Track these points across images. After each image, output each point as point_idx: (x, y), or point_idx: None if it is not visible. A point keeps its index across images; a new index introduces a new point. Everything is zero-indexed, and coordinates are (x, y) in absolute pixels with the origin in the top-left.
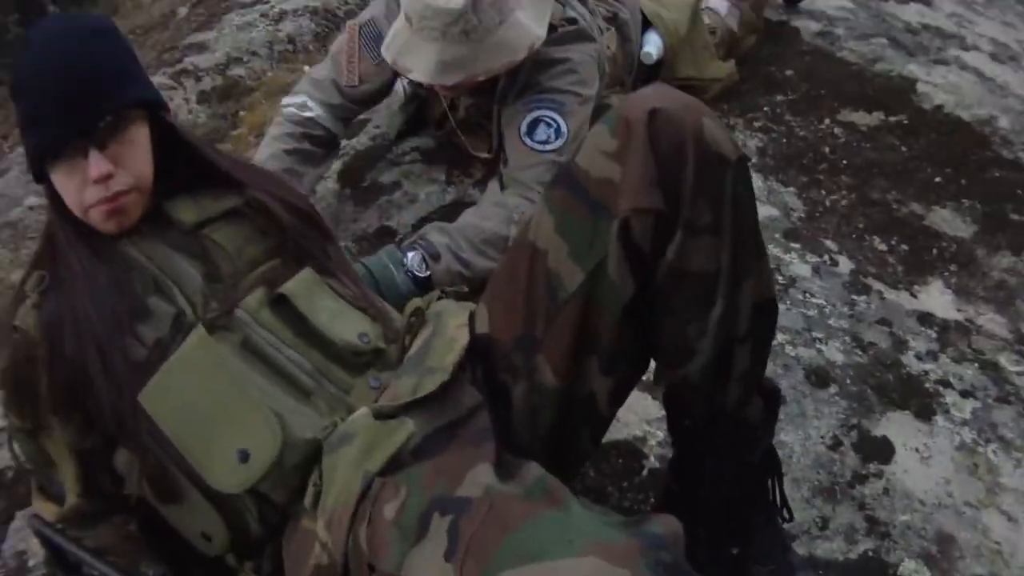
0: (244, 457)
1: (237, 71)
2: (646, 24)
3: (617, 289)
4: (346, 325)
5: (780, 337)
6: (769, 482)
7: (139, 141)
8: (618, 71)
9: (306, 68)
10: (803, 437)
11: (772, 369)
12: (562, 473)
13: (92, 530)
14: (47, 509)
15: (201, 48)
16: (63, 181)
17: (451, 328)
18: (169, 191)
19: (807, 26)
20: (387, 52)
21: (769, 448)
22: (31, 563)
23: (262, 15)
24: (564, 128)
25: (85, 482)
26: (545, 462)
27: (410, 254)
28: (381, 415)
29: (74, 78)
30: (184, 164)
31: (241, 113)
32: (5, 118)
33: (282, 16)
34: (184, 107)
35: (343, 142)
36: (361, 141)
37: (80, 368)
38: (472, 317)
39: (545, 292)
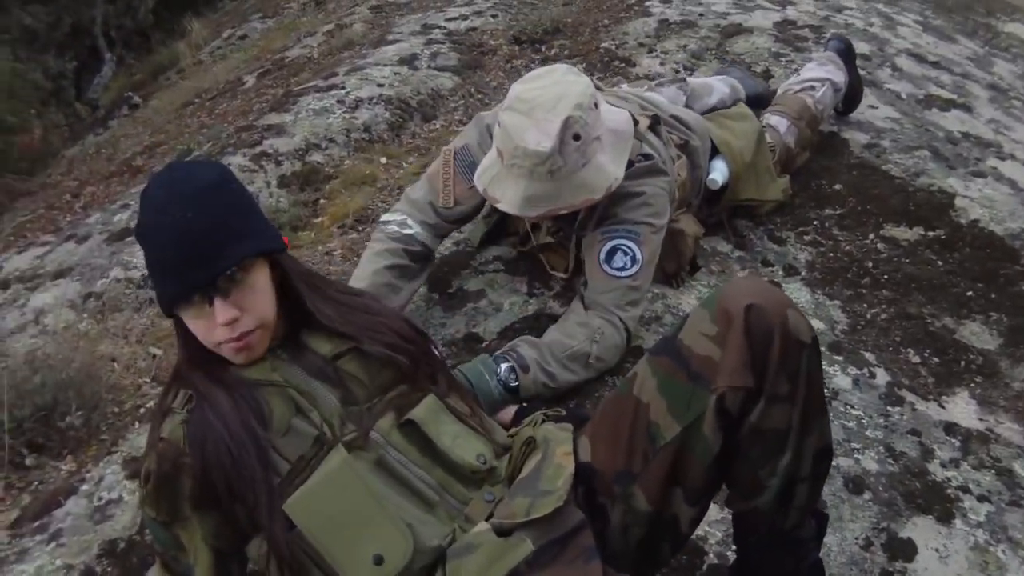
0: (379, 561)
1: (316, 157)
2: (715, 150)
3: (709, 444)
4: (466, 447)
5: None
6: None
7: (260, 286)
8: (687, 194)
9: (382, 160)
10: (840, 539)
11: None
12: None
13: None
14: None
15: (279, 131)
16: (193, 322)
17: (558, 455)
18: (306, 321)
19: (856, 138)
20: (479, 181)
21: (817, 560)
22: None
23: (338, 101)
24: (639, 256)
25: (216, 569)
26: (630, 567)
27: (503, 365)
28: (501, 531)
29: (193, 236)
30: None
31: (321, 201)
32: (80, 178)
33: (358, 104)
34: (266, 190)
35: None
36: (446, 245)
37: (224, 480)
38: (575, 447)
39: (644, 437)
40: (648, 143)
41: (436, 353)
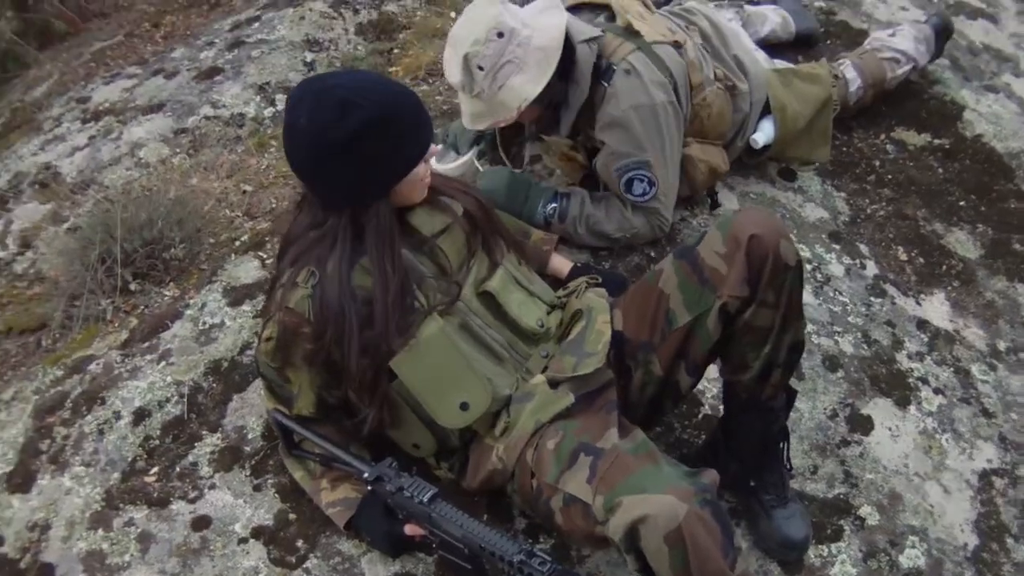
0: (464, 407)
1: (390, 7)
2: (767, 109)
3: (710, 333)
4: (529, 313)
5: (810, 327)
6: (781, 444)
7: None
8: (721, 127)
9: (452, 14)
10: (812, 406)
11: None
12: (653, 421)
13: (316, 426)
14: (275, 407)
15: None
16: (413, 177)
17: (599, 323)
18: (409, 207)
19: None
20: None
21: (784, 426)
22: (250, 436)
23: None
24: (656, 179)
25: (317, 408)
26: (643, 415)
27: (552, 206)
28: (553, 383)
29: (419, 105)
30: None
31: (395, 51)
32: (154, 3)
33: None
34: (344, 37)
35: None
36: None
37: (340, 344)
38: (611, 316)
39: (664, 319)
40: (652, 56)
41: (503, 224)
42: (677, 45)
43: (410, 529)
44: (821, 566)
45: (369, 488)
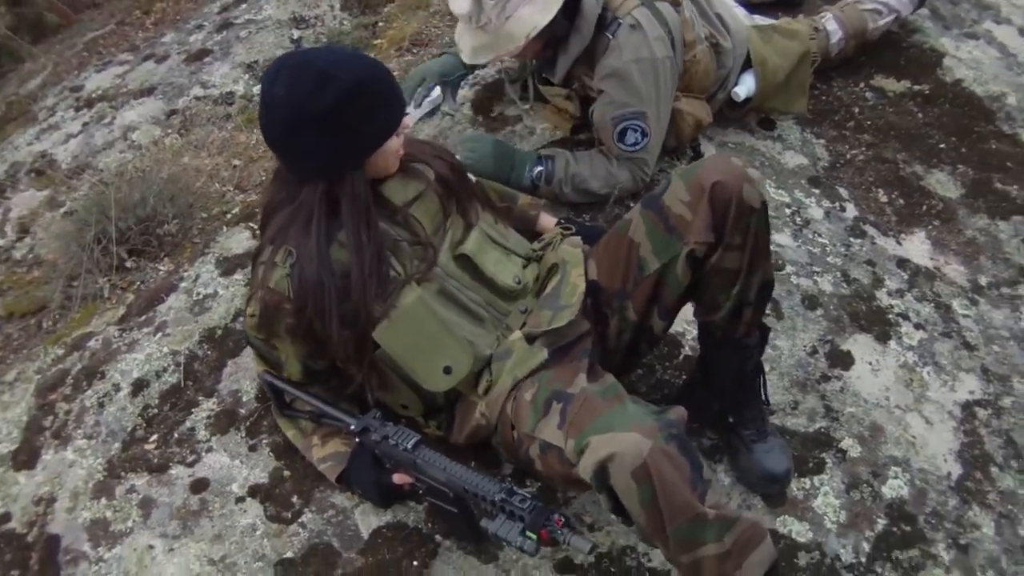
0: (448, 371)
1: None
2: (748, 63)
3: (679, 279)
4: (505, 271)
5: (788, 268)
6: (757, 380)
7: None
8: (705, 83)
9: None
10: (791, 344)
11: (778, 291)
12: (632, 364)
13: (305, 387)
14: (265, 369)
15: None
16: (386, 150)
17: (573, 276)
18: (382, 178)
19: None
20: (455, 34)
21: (759, 362)
22: (244, 399)
23: None
24: (648, 129)
25: (304, 374)
26: (622, 359)
27: (537, 169)
28: (530, 338)
29: (391, 79)
30: None
31: (380, 24)
32: (147, 0)
33: None
34: (329, 13)
35: (477, 73)
36: (489, 73)
37: (320, 321)
38: (586, 268)
39: (635, 268)
40: (655, 12)
41: (474, 184)
42: (675, 3)
43: (398, 478)
44: (804, 498)
45: (356, 440)
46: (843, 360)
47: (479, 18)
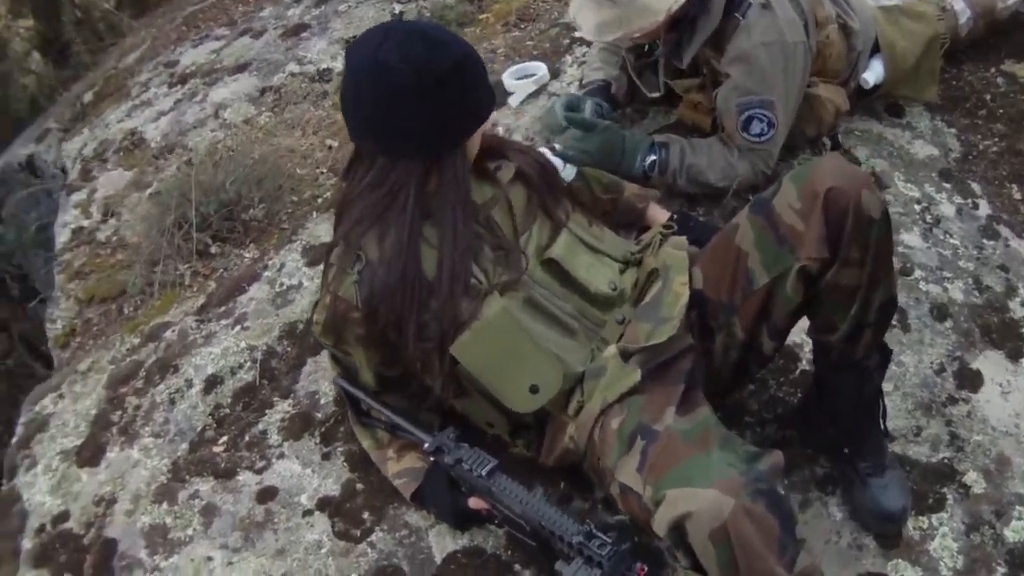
0: (535, 390)
1: None
2: (876, 47)
3: (790, 298)
4: (599, 276)
5: (917, 273)
6: (877, 407)
7: None
8: (839, 67)
9: None
10: (917, 360)
11: (906, 299)
12: (740, 384)
13: (382, 395)
14: (339, 373)
15: None
16: (473, 140)
17: (676, 284)
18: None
19: None
20: (570, 11)
21: (879, 386)
22: (322, 402)
23: None
24: (775, 120)
25: (378, 383)
26: (730, 378)
27: (651, 158)
28: (625, 355)
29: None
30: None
31: None
32: None
33: None
34: None
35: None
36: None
37: (394, 329)
38: (691, 275)
39: (744, 279)
40: None
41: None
42: None
43: (474, 502)
44: (920, 540)
45: (431, 459)
46: (972, 380)
47: None
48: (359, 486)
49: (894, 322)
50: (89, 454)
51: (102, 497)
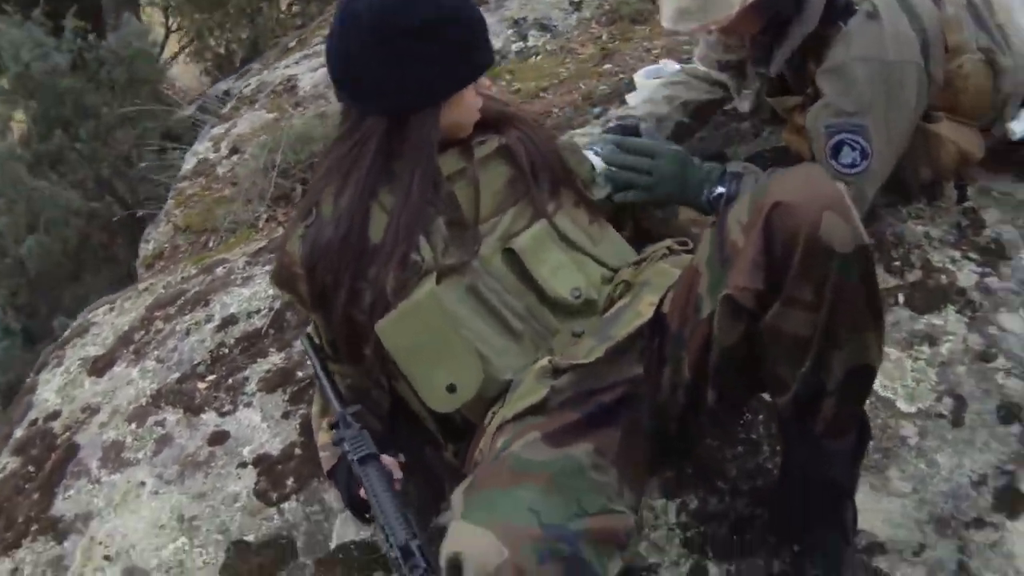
0: (452, 389)
1: None
2: None
3: (722, 336)
4: (564, 279)
5: (999, 361)
6: (843, 505)
7: None
8: (978, 107)
9: None
10: (955, 464)
11: (971, 389)
12: (687, 441)
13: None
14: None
15: None
16: (466, 101)
17: (643, 303)
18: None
19: None
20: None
21: (848, 479)
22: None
23: None
24: (870, 148)
25: (332, 349)
26: (675, 428)
27: (719, 189)
28: (557, 370)
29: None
30: None
31: None
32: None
33: None
34: None
35: None
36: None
37: (333, 291)
38: (663, 298)
39: (692, 306)
40: (903, 3)
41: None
42: None
43: (361, 491)
44: None
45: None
46: (1014, 505)
47: None
48: (298, 451)
49: (944, 412)
50: (101, 365)
51: (89, 405)
